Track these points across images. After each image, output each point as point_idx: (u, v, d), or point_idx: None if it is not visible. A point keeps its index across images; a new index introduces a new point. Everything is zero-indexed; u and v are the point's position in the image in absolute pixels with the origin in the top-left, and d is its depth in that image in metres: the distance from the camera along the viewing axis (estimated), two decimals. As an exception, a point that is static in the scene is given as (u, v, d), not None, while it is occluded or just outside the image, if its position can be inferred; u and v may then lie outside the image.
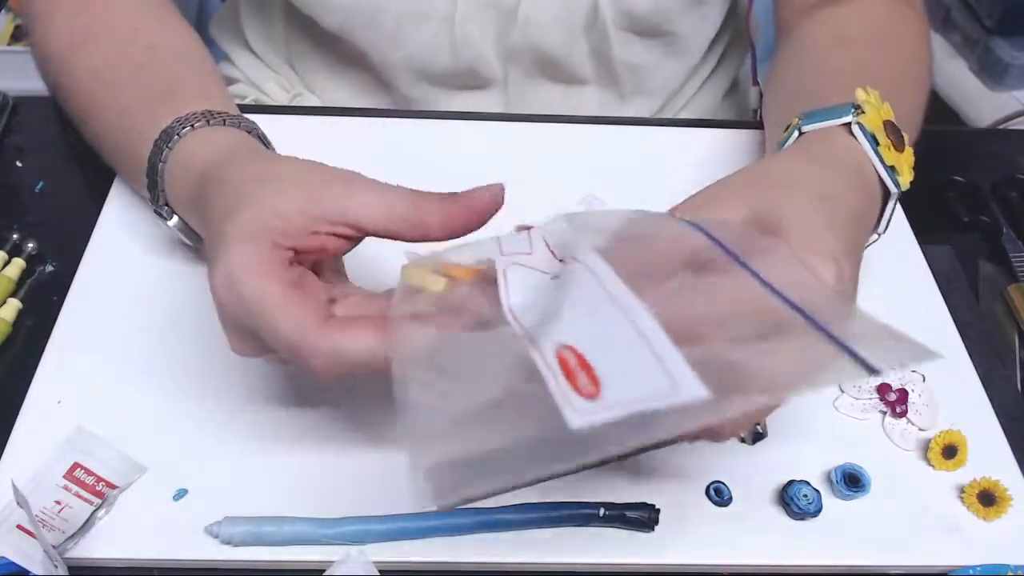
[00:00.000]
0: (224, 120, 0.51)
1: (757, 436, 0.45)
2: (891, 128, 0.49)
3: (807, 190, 0.44)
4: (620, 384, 0.31)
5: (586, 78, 0.74)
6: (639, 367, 0.31)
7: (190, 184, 0.48)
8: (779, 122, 0.54)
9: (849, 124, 0.49)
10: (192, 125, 0.50)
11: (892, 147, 0.49)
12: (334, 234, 0.41)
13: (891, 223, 0.51)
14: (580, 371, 0.32)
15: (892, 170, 0.48)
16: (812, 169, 0.47)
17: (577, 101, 0.75)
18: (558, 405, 0.31)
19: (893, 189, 0.49)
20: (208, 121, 0.50)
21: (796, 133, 0.50)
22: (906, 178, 0.49)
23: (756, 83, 0.85)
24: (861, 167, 0.48)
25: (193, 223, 0.50)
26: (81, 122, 0.60)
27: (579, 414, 0.30)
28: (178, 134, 0.50)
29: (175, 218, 0.52)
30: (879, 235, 0.52)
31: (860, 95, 0.50)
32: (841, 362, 0.32)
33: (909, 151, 0.50)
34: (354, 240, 0.42)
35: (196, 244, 0.53)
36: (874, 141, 0.48)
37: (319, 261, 0.43)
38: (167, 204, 0.51)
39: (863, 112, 0.49)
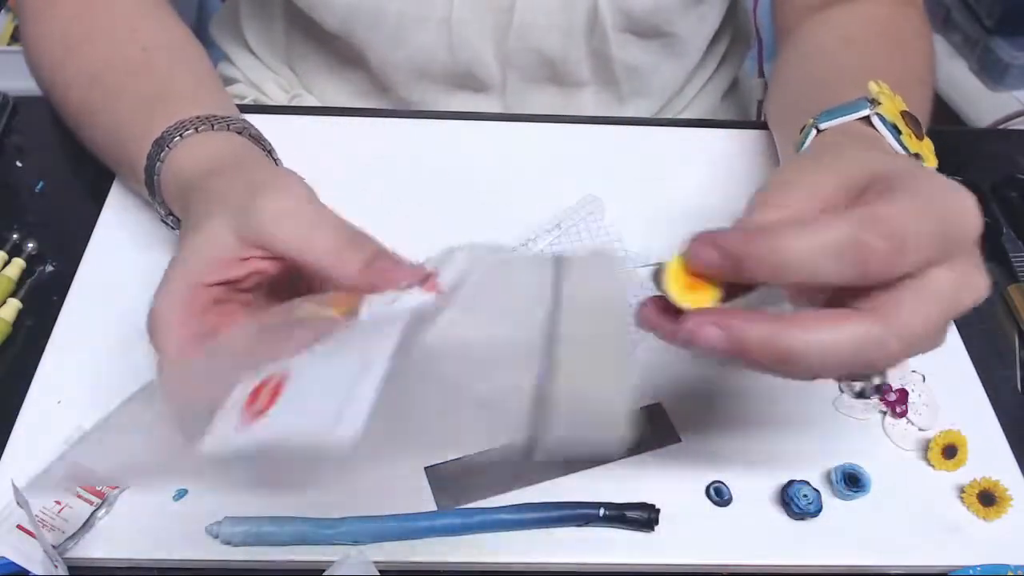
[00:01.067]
0: (213, 124, 0.51)
1: (877, 388, 0.41)
2: (909, 117, 0.49)
3: (870, 147, 0.42)
4: (287, 413, 0.32)
5: (584, 80, 0.74)
6: (322, 403, 0.32)
7: (179, 195, 0.49)
8: (788, 124, 0.53)
9: (867, 117, 0.47)
10: (181, 134, 0.50)
11: (913, 135, 0.48)
12: (266, 257, 0.42)
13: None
14: (267, 395, 0.33)
15: (917, 157, 0.47)
16: (852, 137, 0.45)
17: (575, 103, 0.75)
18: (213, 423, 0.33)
19: None
20: (197, 129, 0.50)
21: (814, 132, 0.49)
22: (932, 163, 0.48)
23: (762, 75, 0.85)
24: (890, 152, 0.47)
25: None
26: (77, 127, 0.60)
27: (234, 431, 0.32)
28: (168, 145, 0.50)
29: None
30: None
31: (873, 88, 0.49)
32: None
33: (928, 141, 0.50)
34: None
35: None
36: (895, 130, 0.47)
37: (274, 282, 0.43)
38: (171, 214, 0.52)
39: (879, 104, 0.48)
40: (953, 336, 0.56)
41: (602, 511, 0.46)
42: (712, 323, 0.34)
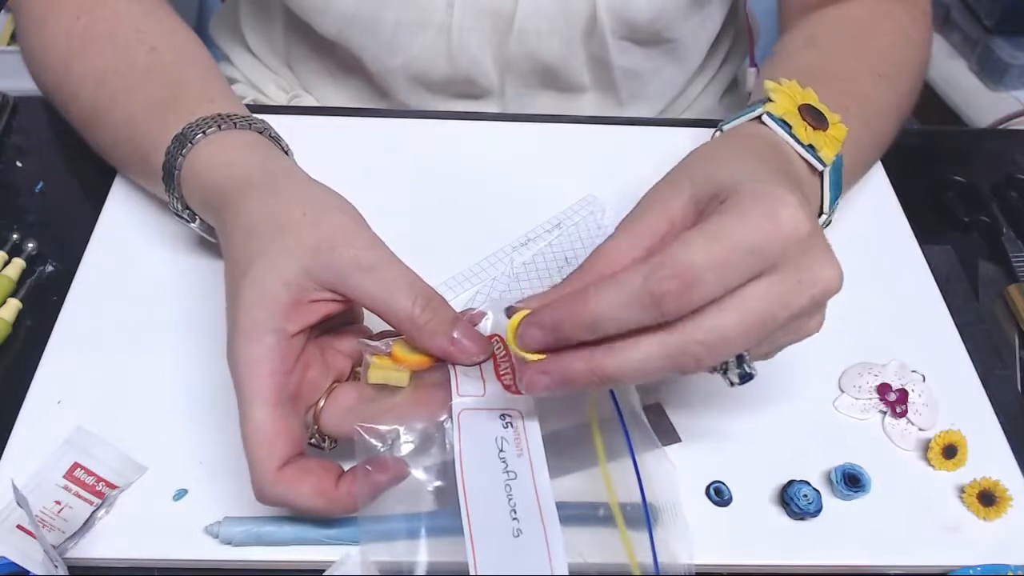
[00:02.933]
0: (236, 123, 0.51)
1: (743, 376, 0.43)
2: (807, 110, 0.51)
3: (737, 155, 0.46)
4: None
5: (584, 86, 0.74)
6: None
7: (209, 195, 0.49)
8: None
9: (760, 116, 0.50)
10: (204, 131, 0.50)
11: (808, 128, 0.50)
12: (335, 300, 0.43)
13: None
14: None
15: (811, 148, 0.50)
16: (733, 143, 0.49)
17: (575, 108, 0.75)
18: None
19: (818, 166, 0.50)
20: (220, 126, 0.50)
21: (717, 133, 0.53)
22: (829, 152, 0.50)
23: (753, 64, 0.85)
24: (778, 145, 0.50)
25: (214, 226, 0.51)
26: (84, 129, 0.60)
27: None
28: (191, 141, 0.50)
29: (197, 220, 0.52)
30: (828, 218, 0.53)
31: (768, 85, 0.52)
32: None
33: (839, 128, 0.51)
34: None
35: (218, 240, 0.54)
36: (785, 125, 0.50)
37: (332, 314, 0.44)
38: (188, 208, 0.52)
39: (771, 101, 0.51)
40: (953, 336, 0.56)
41: (602, 511, 0.46)
42: (540, 371, 0.40)
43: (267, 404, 0.41)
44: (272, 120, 0.54)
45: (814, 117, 0.51)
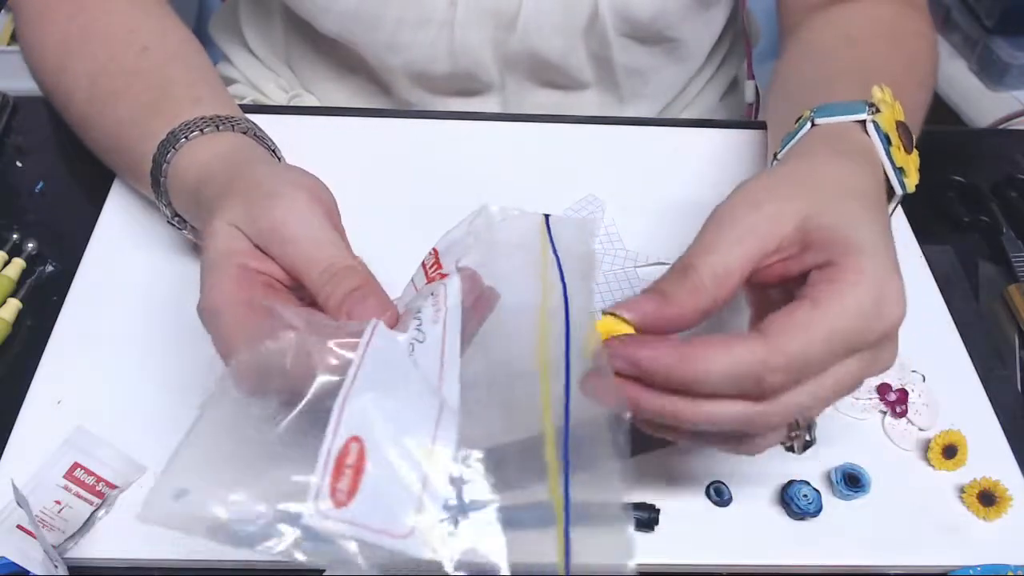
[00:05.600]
0: (218, 125, 0.51)
1: (807, 444, 0.44)
2: (903, 129, 0.49)
3: (844, 185, 0.44)
4: (369, 504, 0.33)
5: (585, 83, 0.74)
6: (396, 498, 0.33)
7: (187, 197, 0.49)
8: (786, 117, 0.53)
9: (863, 121, 0.48)
10: (187, 136, 0.50)
11: (903, 148, 0.48)
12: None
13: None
14: (347, 473, 0.33)
15: (901, 171, 0.48)
16: (842, 164, 0.46)
17: (576, 105, 0.75)
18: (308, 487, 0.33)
19: (899, 191, 0.48)
20: (202, 130, 0.50)
21: (808, 125, 0.49)
22: (912, 180, 0.49)
23: (751, 77, 0.85)
24: (875, 163, 0.47)
25: (197, 227, 0.51)
26: (79, 129, 0.60)
27: (317, 515, 0.33)
28: (174, 147, 0.50)
29: (188, 226, 0.52)
30: None
31: (876, 93, 0.49)
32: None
33: (916, 153, 0.50)
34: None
35: None
36: (887, 141, 0.47)
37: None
38: (178, 215, 0.52)
39: (878, 111, 0.48)
40: (953, 336, 0.56)
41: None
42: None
43: (233, 304, 0.39)
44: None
45: (908, 138, 0.49)
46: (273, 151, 0.53)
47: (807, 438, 0.43)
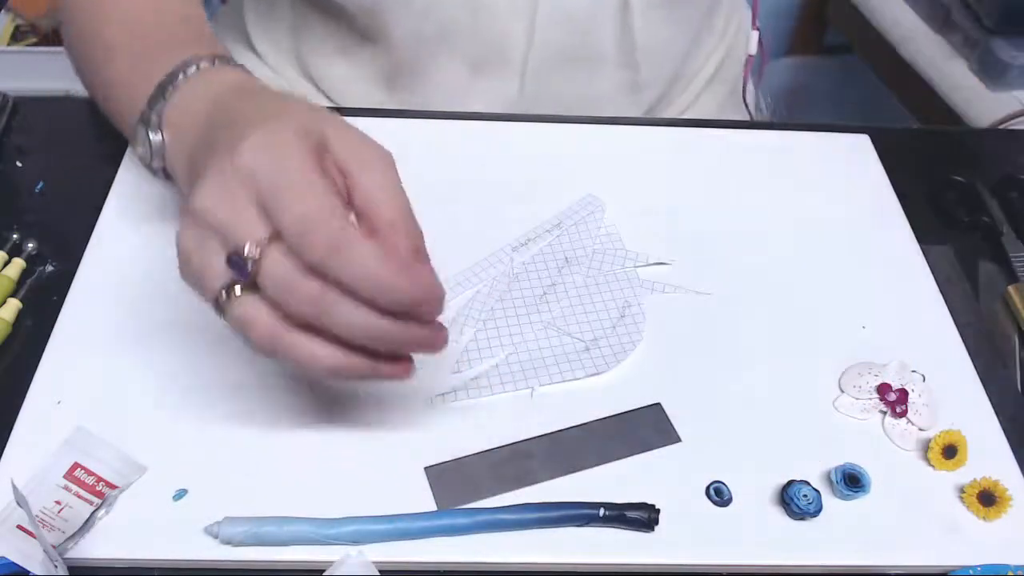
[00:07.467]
0: (229, 61, 0.52)
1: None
2: None
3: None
4: None
5: (606, 55, 0.73)
6: None
7: (194, 128, 0.48)
8: None
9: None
10: (198, 65, 0.50)
11: None
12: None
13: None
14: None
15: None
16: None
17: (593, 85, 0.74)
18: None
19: None
20: (213, 62, 0.51)
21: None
22: None
23: (756, 28, 0.85)
24: None
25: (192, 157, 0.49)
26: (89, 86, 0.60)
27: None
28: (185, 72, 0.50)
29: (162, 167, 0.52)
30: None
31: None
32: None
33: None
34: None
35: None
36: None
37: None
38: (163, 168, 0.51)
39: None
40: (953, 336, 0.56)
41: (602, 511, 0.46)
42: None
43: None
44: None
45: None
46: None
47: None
